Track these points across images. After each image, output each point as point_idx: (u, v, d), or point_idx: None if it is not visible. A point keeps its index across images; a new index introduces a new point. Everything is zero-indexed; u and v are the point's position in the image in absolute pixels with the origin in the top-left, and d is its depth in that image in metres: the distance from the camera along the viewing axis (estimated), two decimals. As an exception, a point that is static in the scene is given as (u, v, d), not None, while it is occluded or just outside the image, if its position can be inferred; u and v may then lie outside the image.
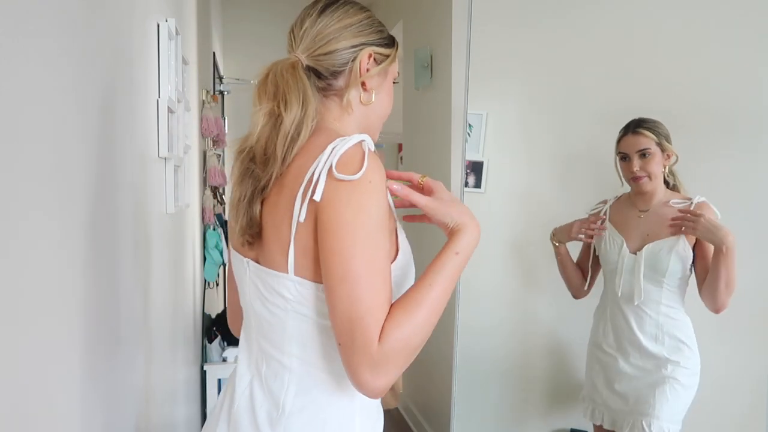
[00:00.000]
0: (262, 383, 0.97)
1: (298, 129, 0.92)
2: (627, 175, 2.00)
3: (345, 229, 0.85)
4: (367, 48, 1.01)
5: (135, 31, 1.30)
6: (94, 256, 0.95)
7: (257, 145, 0.94)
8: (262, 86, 0.97)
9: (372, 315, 0.84)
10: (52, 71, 0.77)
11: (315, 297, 0.91)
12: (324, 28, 0.99)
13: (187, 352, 2.22)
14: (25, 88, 0.68)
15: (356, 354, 0.84)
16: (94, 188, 0.96)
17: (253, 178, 0.94)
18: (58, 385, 0.79)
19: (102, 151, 1.01)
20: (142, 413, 1.33)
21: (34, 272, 0.70)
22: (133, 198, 1.25)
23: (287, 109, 0.92)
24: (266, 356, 0.97)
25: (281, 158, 0.92)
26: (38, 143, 0.72)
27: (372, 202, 0.86)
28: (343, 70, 1.00)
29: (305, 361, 0.94)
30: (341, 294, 0.84)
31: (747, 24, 2.75)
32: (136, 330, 1.28)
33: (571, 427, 2.35)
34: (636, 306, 1.97)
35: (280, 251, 0.91)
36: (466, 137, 2.66)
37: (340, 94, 1.01)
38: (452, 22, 2.96)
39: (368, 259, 0.85)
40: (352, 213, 0.85)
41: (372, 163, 0.88)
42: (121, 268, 1.14)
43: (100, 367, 0.98)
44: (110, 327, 1.06)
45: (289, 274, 0.91)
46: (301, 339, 0.93)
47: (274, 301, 0.94)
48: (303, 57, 0.99)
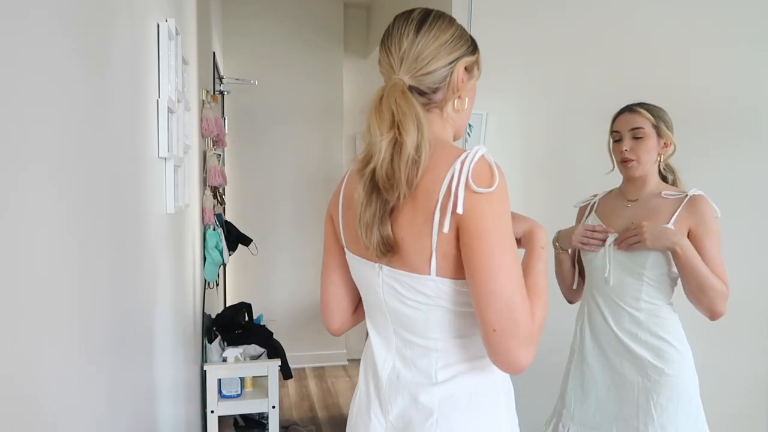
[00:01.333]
0: (408, 364, 1.10)
1: (419, 152, 1.00)
2: (617, 157, 1.86)
3: (491, 234, 0.96)
4: (462, 60, 1.08)
5: (135, 31, 1.30)
6: (94, 256, 0.95)
7: (381, 171, 1.01)
8: (377, 112, 1.03)
9: (525, 301, 0.97)
10: (52, 71, 0.77)
11: (453, 291, 1.03)
12: (424, 49, 1.06)
13: (187, 352, 2.22)
14: (25, 88, 0.68)
15: (517, 336, 0.96)
16: (94, 188, 0.96)
17: (381, 200, 1.03)
18: (57, 385, 0.79)
19: (102, 151, 1.01)
20: (142, 413, 1.33)
21: (33, 272, 0.70)
22: (133, 198, 1.25)
23: (406, 135, 0.99)
24: (408, 343, 1.10)
25: (406, 181, 1.00)
26: (38, 143, 0.72)
27: (505, 207, 0.99)
28: (442, 86, 1.08)
29: (447, 341, 1.07)
30: (496, 288, 0.96)
31: (747, 23, 2.75)
32: (136, 330, 1.28)
33: (571, 427, 2.35)
34: (614, 301, 1.81)
35: (422, 257, 1.02)
36: (466, 137, 2.66)
37: (440, 106, 1.09)
38: (452, 22, 2.95)
39: (511, 256, 0.98)
40: (493, 220, 0.97)
41: (501, 173, 0.99)
42: (120, 268, 1.14)
43: (99, 367, 0.98)
44: (110, 327, 1.06)
45: (432, 275, 1.02)
46: (441, 325, 1.06)
47: (416, 299, 1.05)
48: (406, 78, 1.06)
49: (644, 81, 2.52)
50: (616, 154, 1.87)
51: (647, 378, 1.76)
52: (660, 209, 1.78)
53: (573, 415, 1.91)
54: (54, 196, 0.77)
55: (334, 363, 4.80)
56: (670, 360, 1.75)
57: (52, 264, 0.76)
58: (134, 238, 1.26)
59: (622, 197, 1.90)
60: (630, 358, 1.79)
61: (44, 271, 0.74)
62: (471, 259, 0.98)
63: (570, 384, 1.95)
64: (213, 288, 3.12)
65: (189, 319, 2.30)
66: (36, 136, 0.71)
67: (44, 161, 0.74)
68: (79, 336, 0.87)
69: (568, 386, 1.95)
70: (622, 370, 1.81)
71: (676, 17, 2.75)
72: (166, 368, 1.68)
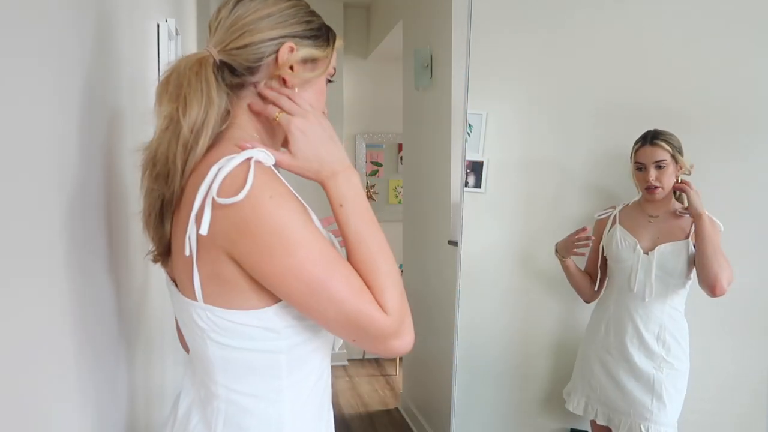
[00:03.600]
0: (200, 406, 0.92)
1: (197, 137, 0.83)
2: (642, 185, 2.07)
3: (273, 250, 0.79)
4: (289, 41, 0.91)
5: (135, 31, 1.30)
6: (93, 256, 0.95)
7: (157, 152, 0.85)
8: (164, 86, 0.87)
9: (363, 301, 0.82)
10: (51, 71, 0.77)
11: (226, 322, 0.84)
12: (238, 19, 0.89)
13: (187, 352, 2.22)
14: (25, 88, 0.68)
15: (377, 338, 0.83)
16: (94, 188, 0.96)
17: (157, 191, 0.86)
18: (53, 385, 0.79)
19: (102, 151, 1.01)
20: (139, 413, 1.33)
21: (32, 272, 0.70)
22: (131, 198, 1.25)
23: (186, 113, 0.83)
24: (200, 380, 0.93)
25: (182, 170, 0.84)
26: (37, 143, 0.72)
27: (275, 211, 0.79)
28: (259, 66, 0.90)
29: (229, 389, 0.88)
30: (320, 304, 0.81)
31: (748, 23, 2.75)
32: (134, 330, 1.29)
33: (571, 427, 2.35)
34: (644, 304, 2.04)
35: (187, 277, 0.84)
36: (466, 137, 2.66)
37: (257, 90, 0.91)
38: (452, 22, 2.96)
39: (317, 259, 0.80)
40: (266, 232, 0.78)
41: (257, 179, 0.78)
42: (119, 268, 1.14)
43: (96, 367, 0.98)
44: (108, 327, 1.06)
45: (199, 302, 0.84)
46: (220, 365, 0.87)
47: (192, 329, 0.88)
48: (215, 51, 0.89)
49: (644, 81, 2.52)
50: (640, 182, 2.08)
51: (660, 371, 2.02)
52: (679, 225, 2.05)
53: (599, 398, 2.13)
54: (53, 196, 0.77)
55: (333, 363, 4.79)
56: (679, 357, 2.02)
57: (49, 264, 0.76)
58: (134, 237, 1.26)
59: (643, 213, 2.11)
60: (648, 353, 2.03)
61: (42, 271, 0.74)
62: (269, 282, 0.81)
63: (595, 370, 2.15)
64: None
65: (189, 319, 2.30)
66: (35, 137, 0.71)
67: (43, 161, 0.74)
68: (78, 336, 0.87)
69: (594, 371, 2.15)
70: (639, 364, 2.04)
71: (676, 17, 2.74)
72: (165, 368, 1.68)
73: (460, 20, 2.81)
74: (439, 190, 3.19)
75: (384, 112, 4.99)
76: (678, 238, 2.03)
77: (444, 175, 3.09)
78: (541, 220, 2.46)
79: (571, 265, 2.20)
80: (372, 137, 5.10)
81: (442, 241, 3.11)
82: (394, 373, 4.68)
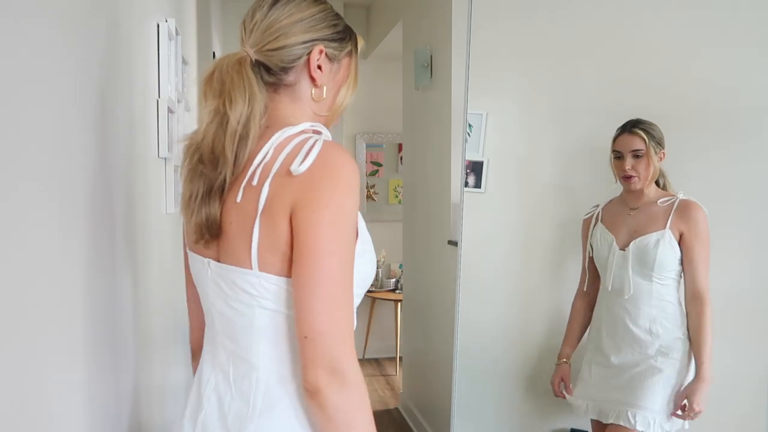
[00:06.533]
0: (230, 385, 0.95)
1: (246, 127, 0.91)
2: (619, 173, 2.05)
3: (321, 207, 0.87)
4: (319, 44, 0.99)
5: (135, 31, 1.30)
6: (93, 256, 0.95)
7: (204, 143, 0.92)
8: (208, 83, 0.95)
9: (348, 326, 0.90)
10: (52, 71, 0.77)
11: (278, 290, 0.90)
12: (274, 23, 0.97)
13: (187, 352, 2.21)
14: (25, 88, 0.68)
15: (333, 357, 0.87)
16: (94, 188, 0.96)
17: (204, 176, 0.93)
18: (54, 385, 0.79)
19: (102, 151, 1.01)
20: (140, 413, 1.33)
21: (32, 272, 0.70)
22: (132, 198, 1.25)
23: (232, 107, 0.91)
24: (233, 357, 0.96)
25: (233, 159, 0.91)
26: (37, 143, 0.72)
27: (348, 196, 0.89)
28: (293, 66, 0.98)
29: (272, 357, 0.93)
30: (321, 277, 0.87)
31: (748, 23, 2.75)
32: (135, 330, 1.28)
33: (571, 427, 2.35)
34: (630, 300, 2.00)
35: (245, 248, 0.90)
36: (466, 137, 2.66)
37: (291, 89, 0.99)
38: (452, 21, 2.96)
39: (339, 267, 0.89)
40: (332, 195, 0.87)
41: (350, 164, 0.89)
42: (120, 268, 1.14)
43: (97, 367, 0.98)
44: (109, 327, 1.06)
45: (254, 270, 0.90)
46: (267, 334, 0.92)
47: (238, 298, 0.93)
48: (252, 52, 0.97)
49: (644, 81, 2.52)
50: (618, 171, 2.06)
51: (653, 359, 1.98)
52: (658, 216, 2.01)
53: (590, 393, 2.10)
54: (53, 196, 0.77)
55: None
56: (676, 348, 1.98)
57: (50, 264, 0.76)
58: (134, 237, 1.26)
59: (624, 205, 2.09)
60: (643, 347, 2.00)
61: (42, 271, 0.74)
62: (297, 234, 0.88)
63: (592, 368, 2.13)
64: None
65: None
66: (35, 137, 0.71)
67: (43, 161, 0.74)
68: (77, 335, 0.87)
69: (591, 368, 2.12)
70: (634, 358, 2.01)
71: (676, 17, 2.74)
72: (164, 368, 1.68)
73: (460, 20, 2.81)
74: (439, 190, 3.18)
75: (384, 112, 4.99)
76: (656, 228, 1.99)
77: (444, 175, 3.09)
78: (541, 220, 2.45)
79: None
80: (372, 137, 5.09)
81: (442, 241, 3.11)
82: (394, 373, 4.68)
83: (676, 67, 2.73)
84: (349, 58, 1.05)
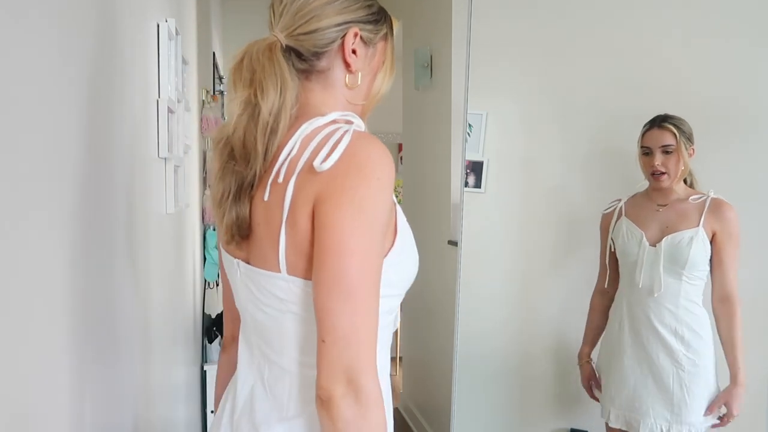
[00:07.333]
0: (265, 387, 0.92)
1: (277, 119, 0.85)
2: (647, 170, 1.98)
3: (346, 209, 0.81)
4: (354, 26, 0.92)
5: (135, 31, 1.30)
6: (94, 257, 0.95)
7: (234, 137, 0.87)
8: (237, 71, 0.88)
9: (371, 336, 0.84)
10: (51, 71, 0.77)
11: (305, 294, 0.85)
12: (305, 5, 0.90)
13: (187, 352, 2.22)
14: (25, 88, 0.68)
15: (346, 368, 0.82)
16: (94, 188, 0.96)
17: (236, 173, 0.87)
18: (56, 386, 0.79)
19: (102, 151, 1.01)
20: (141, 414, 1.33)
21: (32, 272, 0.70)
22: (132, 198, 1.25)
23: (264, 97, 0.85)
24: (267, 360, 0.92)
25: (263, 153, 0.85)
26: (37, 143, 0.72)
27: (376, 189, 0.83)
28: (326, 51, 0.91)
29: (304, 364, 0.88)
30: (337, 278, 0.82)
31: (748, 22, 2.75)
32: (135, 330, 1.28)
33: (571, 427, 2.35)
34: (655, 299, 1.93)
35: (273, 250, 0.85)
36: (466, 137, 2.66)
37: (324, 76, 0.92)
38: (452, 21, 2.96)
39: (365, 264, 0.83)
40: (356, 190, 0.81)
41: (384, 158, 0.83)
42: (120, 268, 1.14)
43: (99, 368, 0.98)
44: (109, 327, 1.06)
45: (282, 273, 0.85)
46: (298, 340, 0.88)
47: (269, 302, 0.88)
48: (282, 36, 0.90)
49: (645, 80, 2.52)
50: (646, 167, 1.99)
51: (681, 368, 1.92)
52: (689, 213, 1.94)
53: (613, 400, 2.04)
54: (53, 196, 0.77)
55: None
56: (701, 352, 1.92)
57: (50, 264, 0.76)
58: (134, 238, 1.26)
59: (651, 201, 2.01)
60: (666, 350, 1.93)
61: (42, 271, 0.74)
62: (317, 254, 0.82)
63: (612, 376, 2.06)
64: (213, 288, 3.12)
65: (189, 319, 2.30)
66: (35, 137, 0.71)
67: (44, 161, 0.74)
68: (77, 336, 0.87)
69: (611, 378, 2.06)
70: (658, 361, 1.94)
71: (676, 16, 2.74)
72: (165, 368, 1.68)
73: (460, 20, 2.80)
74: (439, 190, 3.18)
75: (384, 112, 4.96)
76: (689, 226, 1.91)
77: (444, 175, 3.09)
78: (542, 220, 2.45)
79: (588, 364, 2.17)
80: (372, 137, 5.09)
81: (442, 241, 3.11)
82: (394, 373, 4.68)
83: (678, 66, 2.73)
84: (384, 41, 0.98)
